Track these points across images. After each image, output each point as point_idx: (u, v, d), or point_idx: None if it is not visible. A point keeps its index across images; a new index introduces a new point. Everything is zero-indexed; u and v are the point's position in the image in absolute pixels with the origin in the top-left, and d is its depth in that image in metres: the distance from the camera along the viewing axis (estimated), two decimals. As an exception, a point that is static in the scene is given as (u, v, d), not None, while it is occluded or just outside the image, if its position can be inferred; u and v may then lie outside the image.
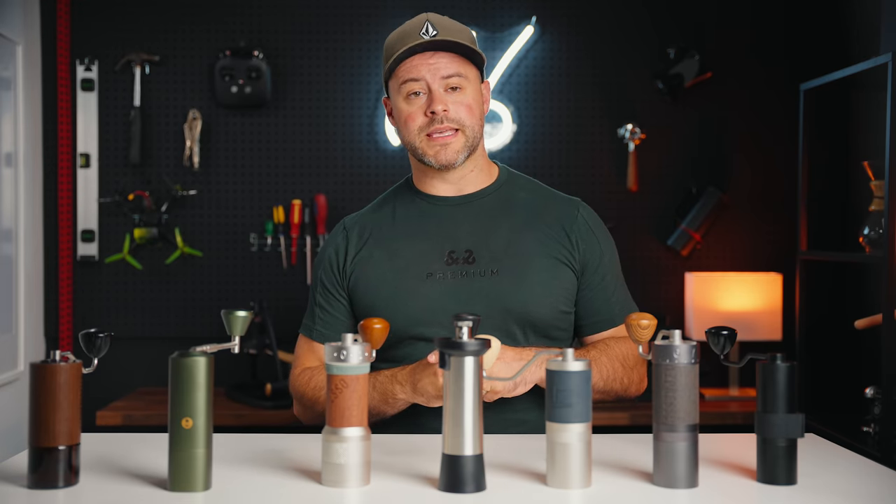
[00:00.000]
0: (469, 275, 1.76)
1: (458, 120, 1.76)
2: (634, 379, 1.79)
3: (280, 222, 3.48)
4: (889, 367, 2.52)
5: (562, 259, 1.79)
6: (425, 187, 1.86)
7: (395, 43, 1.78)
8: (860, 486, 1.38)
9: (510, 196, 1.85)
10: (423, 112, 1.76)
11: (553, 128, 3.55)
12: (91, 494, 1.29)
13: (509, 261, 1.77)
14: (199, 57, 3.50)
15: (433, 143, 1.76)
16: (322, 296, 1.86)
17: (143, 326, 3.50)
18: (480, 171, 1.85)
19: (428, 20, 1.77)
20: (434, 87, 1.75)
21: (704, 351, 2.35)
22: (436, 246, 1.80)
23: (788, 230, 3.45)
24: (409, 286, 1.77)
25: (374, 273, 1.80)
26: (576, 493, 1.30)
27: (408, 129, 1.78)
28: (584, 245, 1.80)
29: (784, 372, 1.31)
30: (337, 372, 1.32)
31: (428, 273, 1.77)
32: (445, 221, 1.82)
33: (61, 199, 3.44)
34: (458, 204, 1.84)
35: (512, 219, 1.82)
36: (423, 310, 1.73)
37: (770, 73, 3.55)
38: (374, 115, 3.53)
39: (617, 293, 1.83)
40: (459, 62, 1.77)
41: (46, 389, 1.29)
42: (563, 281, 1.78)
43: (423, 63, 1.75)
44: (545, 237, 1.80)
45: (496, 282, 1.75)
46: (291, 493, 1.31)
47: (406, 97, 1.77)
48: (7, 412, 3.15)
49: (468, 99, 1.77)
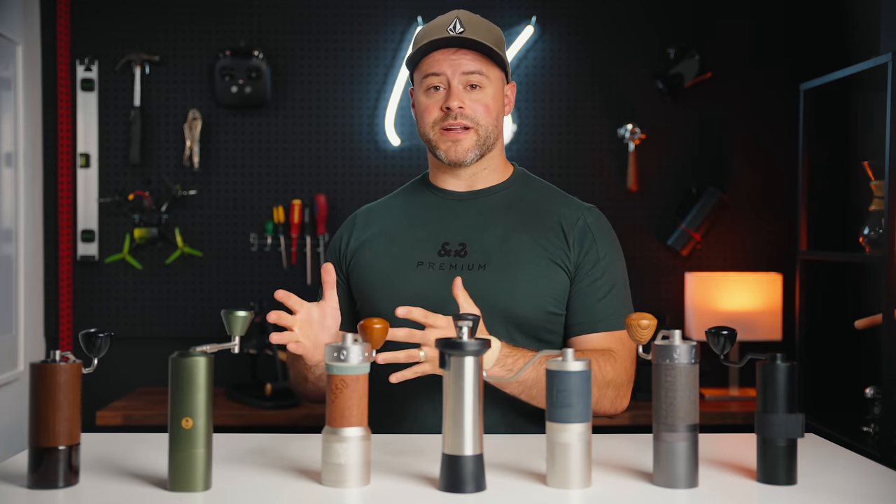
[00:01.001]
0: (457, 267, 1.76)
1: (472, 118, 1.76)
2: (608, 395, 1.72)
3: (280, 222, 3.48)
4: (889, 367, 2.52)
5: (555, 260, 1.77)
6: (437, 181, 1.88)
7: (422, 36, 1.80)
8: (860, 486, 1.38)
9: (518, 196, 1.85)
10: (439, 106, 1.77)
11: (553, 128, 3.55)
12: (91, 494, 1.29)
13: (499, 257, 1.76)
14: (199, 57, 3.50)
15: (446, 138, 1.78)
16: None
17: (143, 326, 3.50)
18: (494, 170, 1.85)
19: (457, 17, 1.77)
20: (453, 84, 1.76)
21: (704, 351, 2.35)
22: (432, 236, 1.81)
23: (788, 230, 3.46)
24: (398, 273, 1.79)
25: (370, 258, 1.83)
26: (576, 493, 1.30)
27: (423, 122, 1.80)
28: (581, 248, 1.78)
29: (784, 372, 1.31)
30: (337, 372, 1.32)
31: (419, 262, 1.78)
32: (447, 214, 1.83)
33: (61, 199, 3.44)
34: (463, 199, 1.85)
35: (512, 217, 1.81)
36: (406, 297, 1.72)
37: (770, 73, 3.55)
38: (374, 115, 3.53)
39: (606, 300, 1.77)
40: (482, 61, 1.77)
41: (46, 389, 1.29)
42: (554, 282, 1.76)
43: (445, 58, 1.76)
44: (542, 238, 1.79)
45: (482, 276, 1.75)
46: (291, 493, 1.31)
47: (426, 90, 1.79)
48: (7, 412, 3.15)
49: (487, 98, 1.77)
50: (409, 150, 3.53)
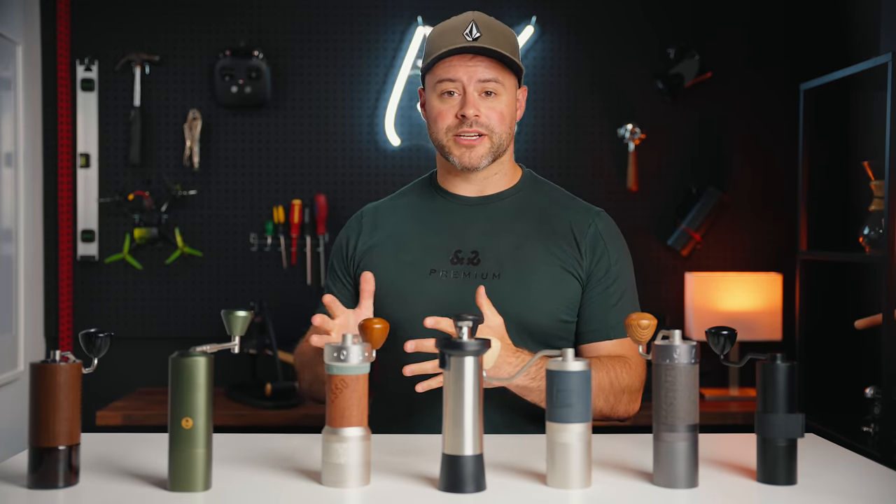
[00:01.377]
0: (472, 276, 1.76)
1: (487, 126, 1.75)
2: (623, 400, 1.76)
3: (280, 222, 3.48)
4: (889, 367, 2.52)
5: (568, 268, 1.78)
6: (447, 185, 1.87)
7: (436, 39, 1.77)
8: (860, 486, 1.38)
9: (527, 201, 1.85)
10: (454, 113, 1.76)
11: (553, 128, 3.55)
12: (91, 494, 1.29)
13: (513, 265, 1.76)
14: (199, 57, 3.50)
15: (460, 144, 1.76)
16: (331, 279, 1.90)
17: (143, 326, 3.50)
18: (504, 175, 1.85)
19: (473, 20, 1.75)
20: (469, 90, 1.74)
21: (704, 351, 2.35)
22: (444, 243, 1.80)
23: (788, 230, 3.45)
24: (410, 281, 1.77)
25: (379, 264, 1.81)
26: (576, 493, 1.30)
27: (437, 127, 1.78)
28: (593, 255, 1.79)
29: (784, 372, 1.31)
30: (337, 372, 1.32)
31: (431, 269, 1.78)
32: (458, 220, 1.82)
33: (61, 199, 3.44)
34: (473, 204, 1.84)
35: (523, 224, 1.81)
36: (421, 306, 1.73)
37: (770, 73, 3.55)
38: (374, 115, 3.53)
39: (618, 307, 1.79)
40: (498, 68, 1.76)
41: (46, 389, 1.29)
42: (567, 290, 1.77)
43: (461, 65, 1.74)
44: (554, 245, 1.79)
45: (497, 285, 1.74)
46: (291, 493, 1.31)
47: (440, 95, 1.77)
48: (7, 412, 3.15)
49: (501, 105, 1.76)
50: (409, 150, 3.53)
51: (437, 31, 1.79)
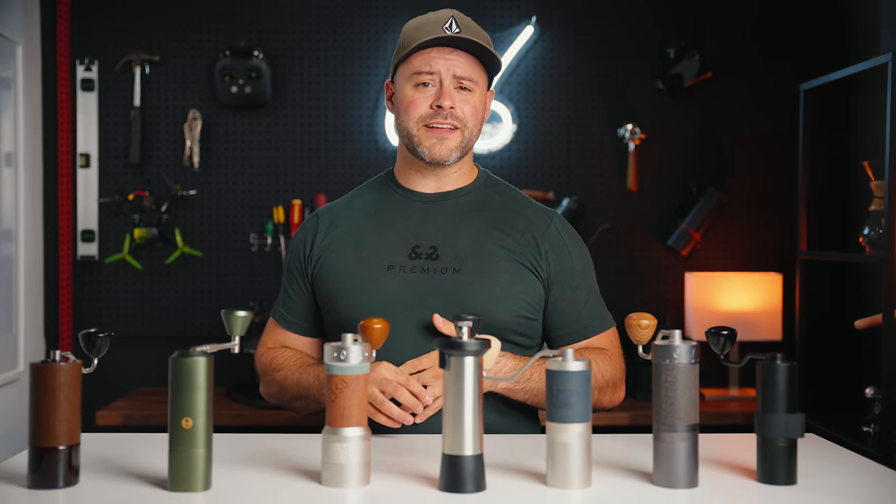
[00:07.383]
0: (430, 270, 1.75)
1: (462, 119, 1.75)
2: (607, 392, 1.79)
3: (280, 222, 3.48)
4: (889, 367, 2.52)
5: (527, 265, 1.77)
6: (405, 180, 1.85)
7: (414, 31, 1.77)
8: (860, 486, 1.38)
9: (485, 198, 1.84)
10: (428, 103, 1.75)
11: (553, 128, 3.55)
12: (91, 494, 1.29)
13: (473, 260, 1.75)
14: (199, 57, 3.50)
15: (431, 135, 1.75)
16: (288, 280, 1.89)
17: (143, 326, 3.50)
18: (463, 174, 1.84)
19: (453, 16, 1.75)
20: (446, 83, 1.74)
21: (704, 351, 2.35)
22: (401, 239, 1.79)
23: (788, 230, 3.45)
24: (368, 277, 1.76)
25: (337, 261, 1.80)
26: (576, 493, 1.30)
27: (408, 115, 1.76)
28: (555, 256, 1.79)
29: (784, 372, 1.31)
30: (337, 372, 1.32)
31: (389, 265, 1.76)
32: (415, 216, 1.81)
33: (61, 199, 3.44)
34: (431, 200, 1.82)
35: (483, 220, 1.80)
36: (379, 301, 1.72)
37: (770, 73, 3.55)
38: (374, 115, 3.53)
39: (589, 305, 1.81)
40: (474, 65, 1.76)
41: (46, 389, 1.29)
42: (527, 287, 1.76)
43: (440, 57, 1.74)
44: (514, 242, 1.78)
45: (457, 280, 1.74)
46: (291, 493, 1.31)
47: (415, 85, 1.76)
48: (7, 412, 3.15)
49: (475, 100, 1.77)
50: (409, 150, 3.52)
51: (414, 23, 1.79)
